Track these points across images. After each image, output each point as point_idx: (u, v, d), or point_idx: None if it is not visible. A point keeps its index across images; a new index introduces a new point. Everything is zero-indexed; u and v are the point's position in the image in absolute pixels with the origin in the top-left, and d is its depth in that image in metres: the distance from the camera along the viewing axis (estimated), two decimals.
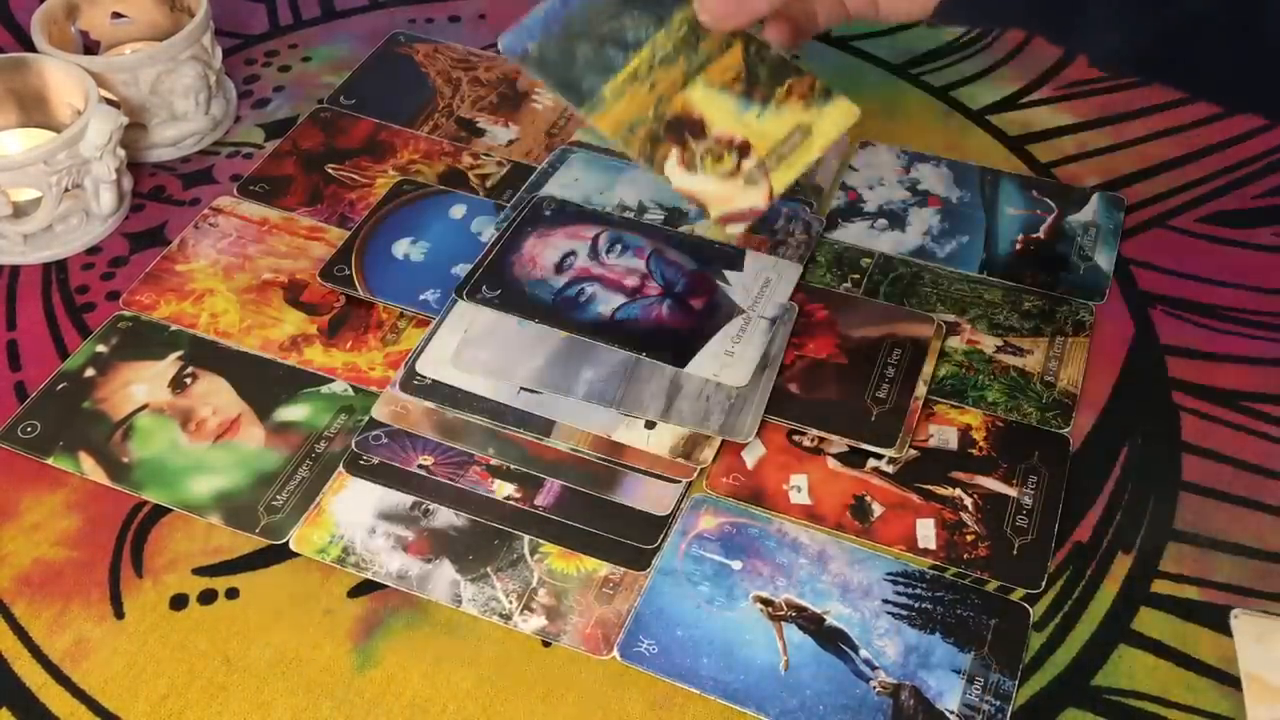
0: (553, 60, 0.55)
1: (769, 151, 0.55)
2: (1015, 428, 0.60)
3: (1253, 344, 0.64)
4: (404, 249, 0.67)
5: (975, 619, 0.53)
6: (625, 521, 0.56)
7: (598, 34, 0.55)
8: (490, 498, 0.57)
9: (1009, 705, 0.50)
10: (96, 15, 0.76)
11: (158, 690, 0.51)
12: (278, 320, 0.64)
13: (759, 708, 0.50)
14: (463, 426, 0.59)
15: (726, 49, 0.55)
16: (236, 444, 0.59)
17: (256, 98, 0.78)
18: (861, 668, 0.51)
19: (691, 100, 0.55)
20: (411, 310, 0.64)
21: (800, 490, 0.57)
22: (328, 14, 0.85)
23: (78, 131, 0.65)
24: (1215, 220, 0.70)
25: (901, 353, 0.62)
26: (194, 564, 0.55)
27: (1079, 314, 0.65)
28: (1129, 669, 0.52)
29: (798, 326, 0.63)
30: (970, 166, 0.73)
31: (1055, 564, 0.55)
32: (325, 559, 0.55)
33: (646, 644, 0.52)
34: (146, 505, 0.57)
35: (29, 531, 0.56)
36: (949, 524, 0.56)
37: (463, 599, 0.53)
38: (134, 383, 0.61)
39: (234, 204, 0.71)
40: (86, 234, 0.69)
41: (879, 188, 0.72)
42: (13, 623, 0.53)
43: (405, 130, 0.76)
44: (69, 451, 0.58)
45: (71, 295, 0.66)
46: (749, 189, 0.55)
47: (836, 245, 0.68)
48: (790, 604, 0.53)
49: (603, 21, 0.55)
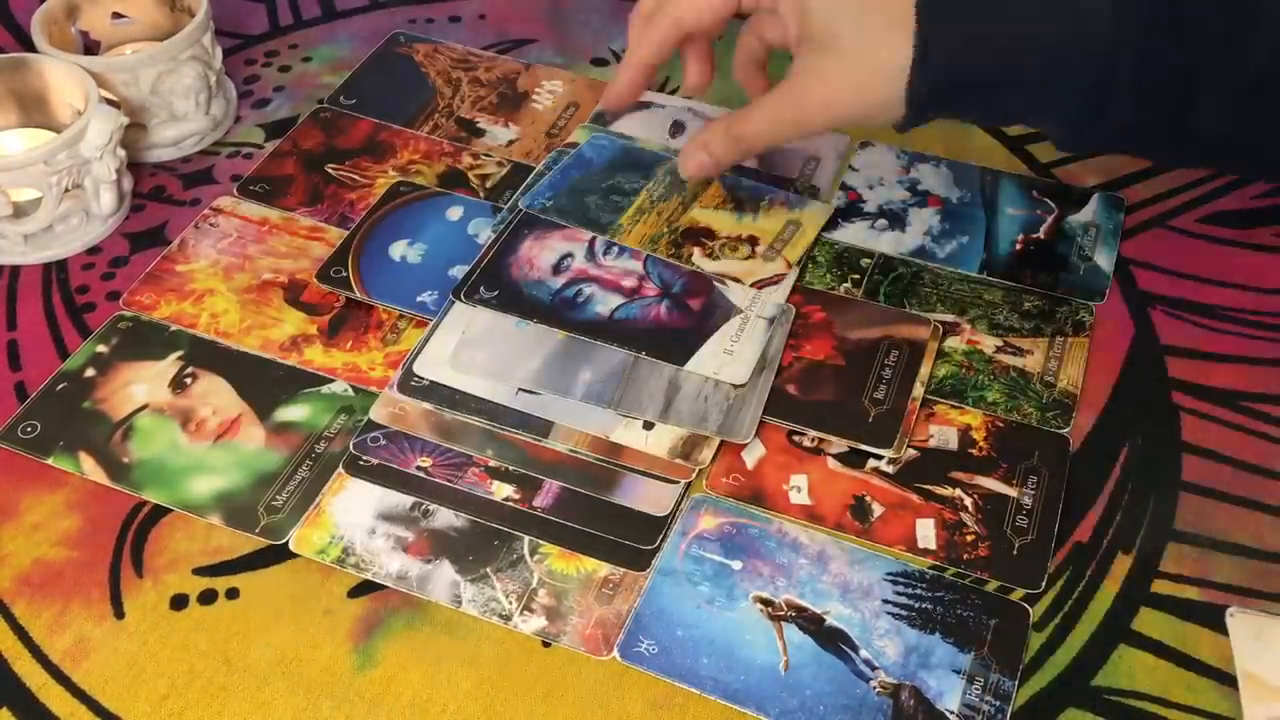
0: (569, 209, 0.68)
1: (773, 241, 0.67)
2: (1015, 428, 0.60)
3: (1252, 344, 0.64)
4: (401, 250, 0.67)
5: (975, 619, 0.53)
6: (624, 522, 0.56)
7: (599, 189, 0.69)
8: (489, 499, 0.57)
9: (1009, 705, 0.50)
10: (96, 15, 0.76)
11: (158, 690, 0.51)
12: (278, 320, 0.64)
13: (759, 708, 0.50)
14: (461, 428, 0.59)
15: (707, 184, 0.70)
16: (236, 444, 0.59)
17: (256, 98, 0.78)
18: (861, 668, 0.51)
19: (695, 217, 0.68)
20: (410, 312, 0.64)
21: (800, 490, 0.57)
22: (328, 14, 0.85)
23: (78, 131, 0.65)
24: (1215, 220, 0.70)
25: (899, 354, 0.62)
26: (194, 564, 0.55)
27: (1079, 314, 0.65)
28: (1129, 669, 0.52)
29: (795, 328, 0.63)
30: (970, 166, 0.73)
31: (1055, 564, 0.55)
32: (325, 559, 0.55)
33: (646, 644, 0.52)
34: (146, 505, 0.57)
35: (29, 531, 0.56)
36: (949, 524, 0.56)
37: (463, 599, 0.53)
38: (134, 383, 0.61)
39: (234, 204, 0.71)
40: (86, 234, 0.69)
41: (879, 188, 0.72)
42: (13, 623, 0.53)
43: (405, 130, 0.76)
44: (69, 451, 0.58)
45: (71, 295, 0.66)
46: (768, 264, 0.66)
47: (836, 245, 0.68)
48: (790, 604, 0.53)
49: (599, 182, 0.70)
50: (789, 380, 0.61)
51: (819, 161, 0.73)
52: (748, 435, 0.58)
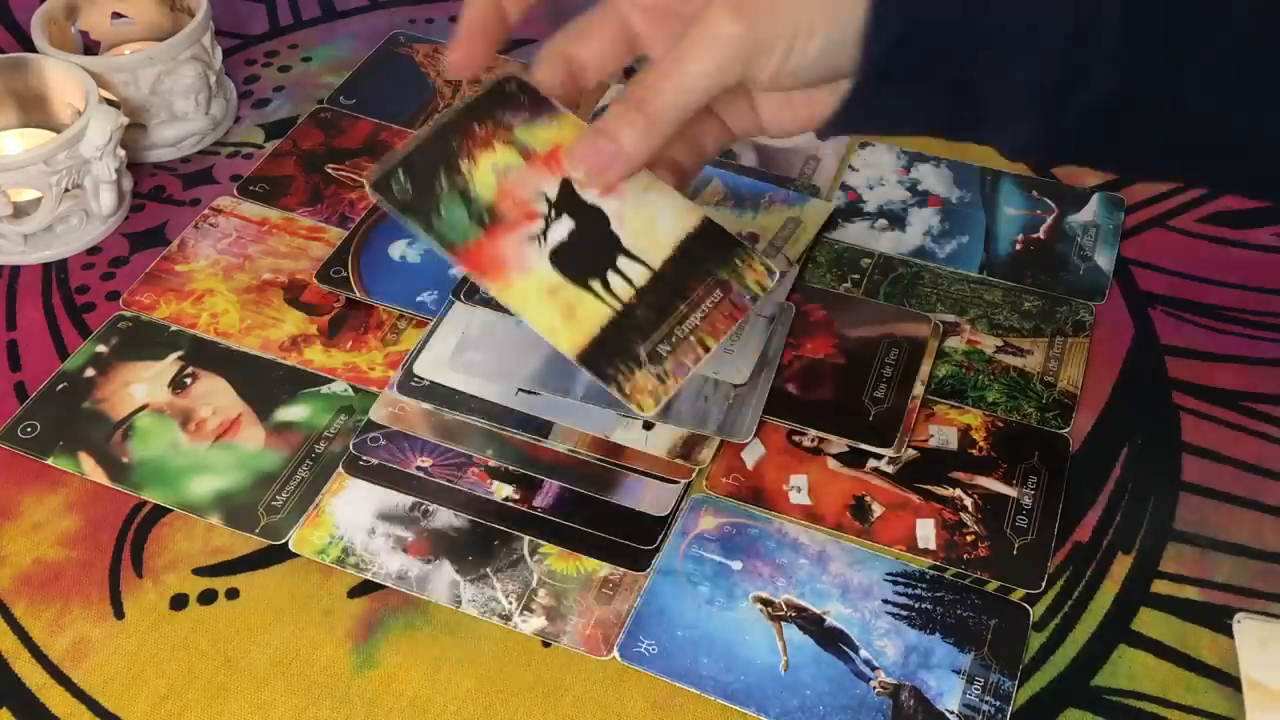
0: None
1: (773, 238, 0.66)
2: (1015, 428, 0.60)
3: (1252, 344, 0.64)
4: (401, 250, 0.67)
5: (975, 619, 0.53)
6: (624, 522, 0.56)
7: None
8: (489, 499, 0.57)
9: (1009, 705, 0.50)
10: (96, 15, 0.76)
11: (158, 690, 0.51)
12: (278, 320, 0.64)
13: (759, 708, 0.50)
14: (461, 428, 0.59)
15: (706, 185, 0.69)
16: (236, 444, 0.59)
17: (256, 98, 0.78)
18: (861, 668, 0.51)
19: None
20: (410, 312, 0.64)
21: (800, 490, 0.57)
22: (328, 14, 0.85)
23: (78, 132, 0.65)
24: (1215, 220, 0.70)
25: (899, 353, 0.62)
26: (194, 564, 0.55)
27: (1079, 314, 0.65)
28: (1129, 669, 0.52)
29: (796, 327, 0.63)
30: (970, 166, 0.73)
31: (1055, 564, 0.55)
32: (325, 559, 0.55)
33: (646, 644, 0.52)
34: (146, 505, 0.57)
35: (29, 531, 0.56)
36: (949, 524, 0.56)
37: (462, 599, 0.53)
38: (134, 383, 0.61)
39: (234, 204, 0.71)
40: (86, 234, 0.69)
41: (879, 188, 0.72)
42: (13, 623, 0.53)
43: (405, 130, 0.76)
44: (69, 451, 0.58)
45: (71, 295, 0.66)
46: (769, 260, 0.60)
47: (836, 245, 0.68)
48: (790, 604, 0.53)
49: None
50: (789, 379, 0.61)
51: (819, 161, 0.73)
52: (748, 435, 0.58)
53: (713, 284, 0.50)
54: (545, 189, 0.50)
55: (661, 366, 0.49)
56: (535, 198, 0.50)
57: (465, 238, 0.49)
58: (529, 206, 0.50)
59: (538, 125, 0.51)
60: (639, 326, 0.49)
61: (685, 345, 0.49)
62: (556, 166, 0.50)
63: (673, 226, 0.51)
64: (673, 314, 0.50)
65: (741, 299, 0.51)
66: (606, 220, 0.50)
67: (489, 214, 0.49)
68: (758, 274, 0.51)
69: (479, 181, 0.50)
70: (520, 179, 0.50)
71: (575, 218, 0.50)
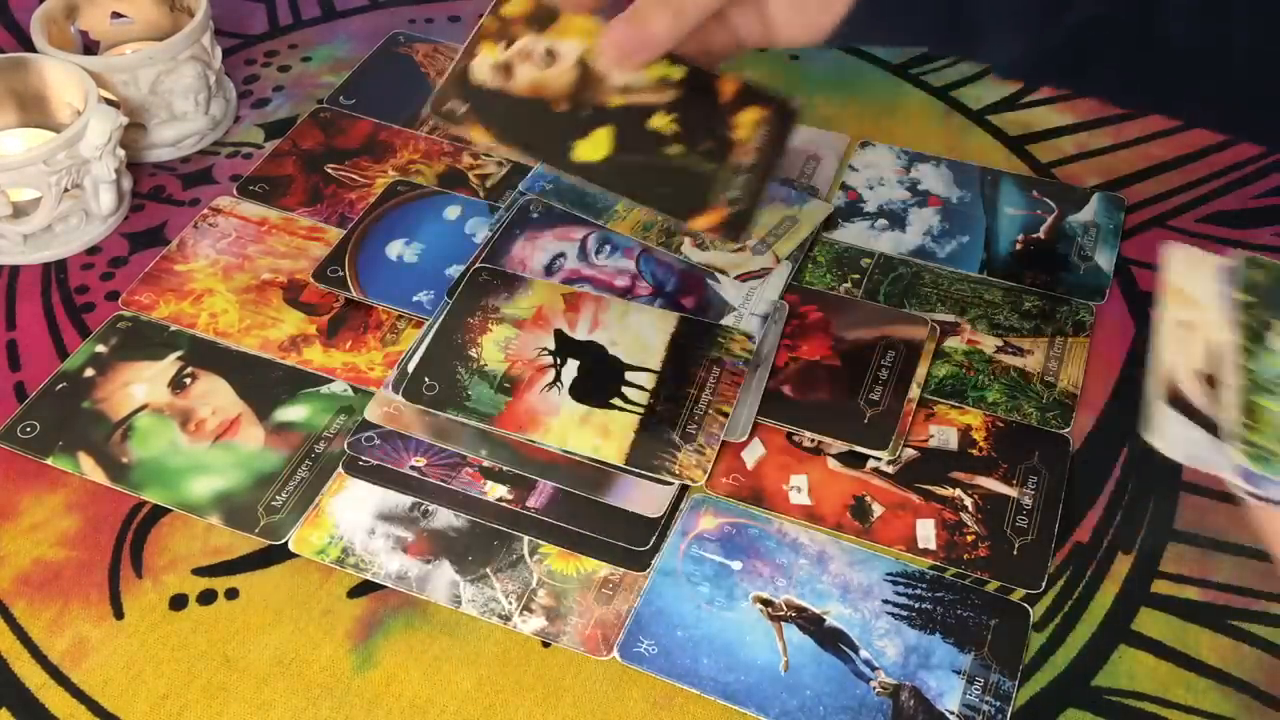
0: (566, 194, 0.69)
1: (765, 235, 0.67)
2: (1015, 428, 0.60)
3: None
4: (398, 250, 0.67)
5: (975, 619, 0.53)
6: (618, 523, 0.56)
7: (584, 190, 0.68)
8: (483, 499, 0.57)
9: (1009, 706, 0.50)
10: (96, 15, 0.76)
11: (158, 690, 0.51)
12: (277, 320, 0.64)
13: (759, 708, 0.50)
14: (454, 428, 0.59)
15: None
16: (236, 444, 0.59)
17: (256, 98, 0.78)
18: (861, 668, 0.51)
19: None
20: (409, 313, 0.64)
21: (800, 490, 0.57)
22: (328, 14, 0.85)
23: (77, 131, 0.65)
24: (1215, 220, 0.70)
25: (895, 355, 0.62)
26: (193, 564, 0.55)
27: (1079, 314, 0.65)
28: (1129, 669, 0.52)
29: (792, 328, 0.63)
30: (970, 166, 0.73)
31: (1055, 564, 0.55)
32: (325, 559, 0.54)
33: (646, 644, 0.52)
34: (146, 505, 0.57)
35: (29, 531, 0.56)
36: (949, 524, 0.56)
37: (462, 600, 0.53)
38: (133, 383, 0.61)
39: (233, 204, 0.71)
40: (86, 234, 0.69)
41: (879, 188, 0.72)
42: (13, 623, 0.53)
43: (405, 130, 0.75)
44: (68, 451, 0.58)
45: (71, 295, 0.66)
46: (757, 257, 0.66)
47: (836, 245, 0.68)
48: (790, 604, 0.53)
49: (580, 190, 0.69)
50: (785, 381, 0.61)
51: (819, 161, 0.73)
52: (743, 434, 0.58)
53: (709, 364, 0.59)
54: (543, 344, 0.60)
55: (696, 442, 0.57)
56: (539, 354, 0.60)
57: (497, 408, 0.58)
58: (537, 363, 0.59)
59: (517, 297, 0.62)
60: (665, 420, 0.57)
61: (708, 418, 0.57)
62: (545, 323, 0.61)
63: (658, 333, 0.61)
64: (687, 399, 0.58)
65: (736, 366, 0.60)
66: (603, 349, 0.60)
67: (508, 381, 0.59)
68: (740, 343, 0.60)
69: (489, 358, 0.60)
70: (521, 344, 0.60)
71: (578, 357, 0.60)
